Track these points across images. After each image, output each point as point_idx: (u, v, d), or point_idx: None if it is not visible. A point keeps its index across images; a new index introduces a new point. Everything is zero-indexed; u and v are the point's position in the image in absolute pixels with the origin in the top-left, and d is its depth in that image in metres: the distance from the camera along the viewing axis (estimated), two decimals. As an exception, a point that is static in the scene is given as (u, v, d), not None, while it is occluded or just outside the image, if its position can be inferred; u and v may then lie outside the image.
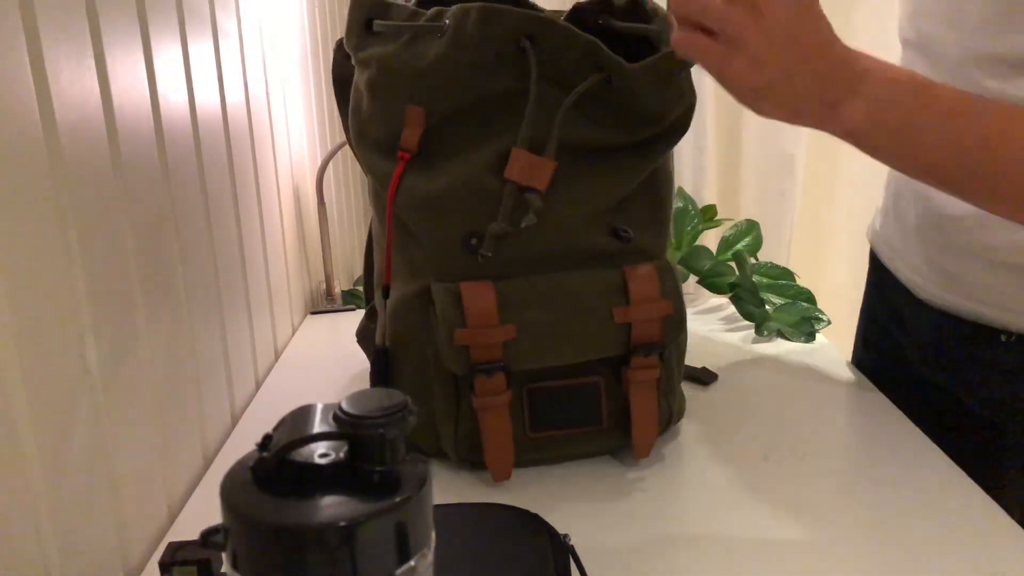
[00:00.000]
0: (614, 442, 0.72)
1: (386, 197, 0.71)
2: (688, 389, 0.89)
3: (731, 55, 0.54)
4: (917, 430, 0.78)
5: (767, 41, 0.53)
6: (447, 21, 0.68)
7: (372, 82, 0.71)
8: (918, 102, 0.55)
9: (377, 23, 0.72)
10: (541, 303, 0.67)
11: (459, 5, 0.68)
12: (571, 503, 0.67)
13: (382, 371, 0.75)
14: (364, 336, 0.86)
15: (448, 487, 0.71)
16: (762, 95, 0.55)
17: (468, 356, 0.66)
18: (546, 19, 0.66)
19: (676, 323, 0.70)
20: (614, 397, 0.71)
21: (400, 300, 0.72)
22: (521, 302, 0.67)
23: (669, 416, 0.75)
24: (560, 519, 0.65)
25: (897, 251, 0.86)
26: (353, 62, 0.75)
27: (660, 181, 0.74)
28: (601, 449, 0.73)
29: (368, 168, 0.74)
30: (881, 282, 0.91)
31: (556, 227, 0.68)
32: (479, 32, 0.66)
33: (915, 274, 0.82)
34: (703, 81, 2.03)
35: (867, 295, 0.97)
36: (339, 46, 0.79)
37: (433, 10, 0.70)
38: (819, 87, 0.55)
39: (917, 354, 0.84)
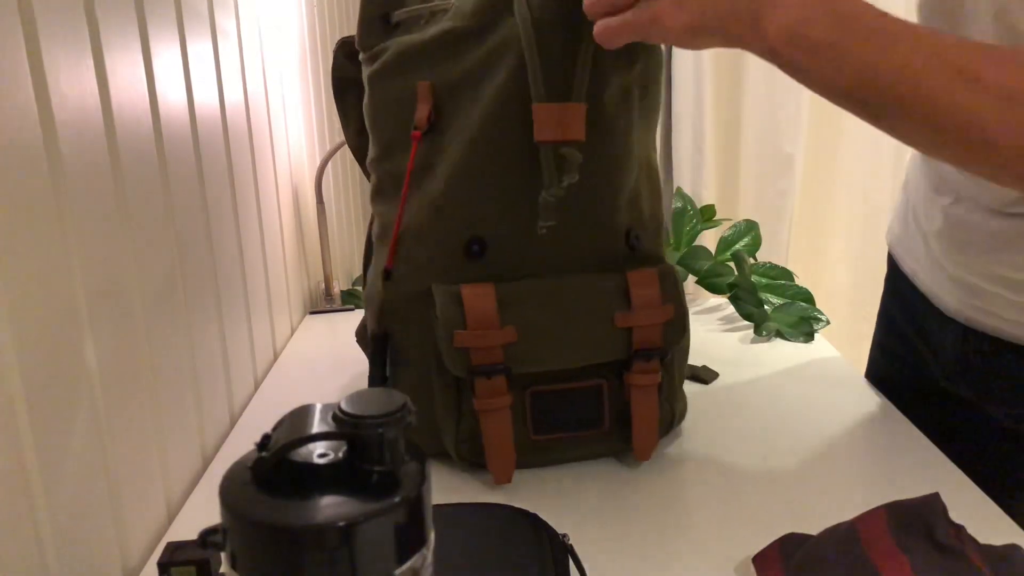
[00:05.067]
0: (616, 445, 0.72)
1: (390, 189, 0.70)
2: (688, 388, 0.89)
3: (651, 11, 0.56)
4: (916, 430, 0.78)
5: None
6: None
7: (386, 67, 0.70)
8: (838, 21, 0.52)
9: (395, 12, 0.71)
10: (542, 306, 0.67)
11: None
12: (570, 503, 0.67)
13: (380, 355, 0.73)
14: (363, 337, 0.86)
15: (448, 487, 0.71)
16: (694, 31, 0.56)
17: (468, 358, 0.66)
18: None
19: (678, 329, 0.69)
20: (616, 400, 0.71)
21: (403, 299, 0.72)
22: (522, 304, 0.66)
23: (671, 419, 0.75)
24: (559, 519, 0.65)
25: (919, 261, 0.82)
26: (360, 59, 0.74)
27: (655, 175, 0.74)
28: (603, 452, 0.73)
29: (385, 161, 0.72)
30: (900, 288, 0.88)
31: (582, 235, 0.68)
32: None
33: (938, 288, 0.79)
34: (702, 83, 2.03)
35: (885, 301, 0.93)
36: (340, 47, 0.79)
37: None
38: (741, 4, 0.54)
39: (940, 368, 0.81)
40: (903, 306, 0.88)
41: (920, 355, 0.85)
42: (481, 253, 0.68)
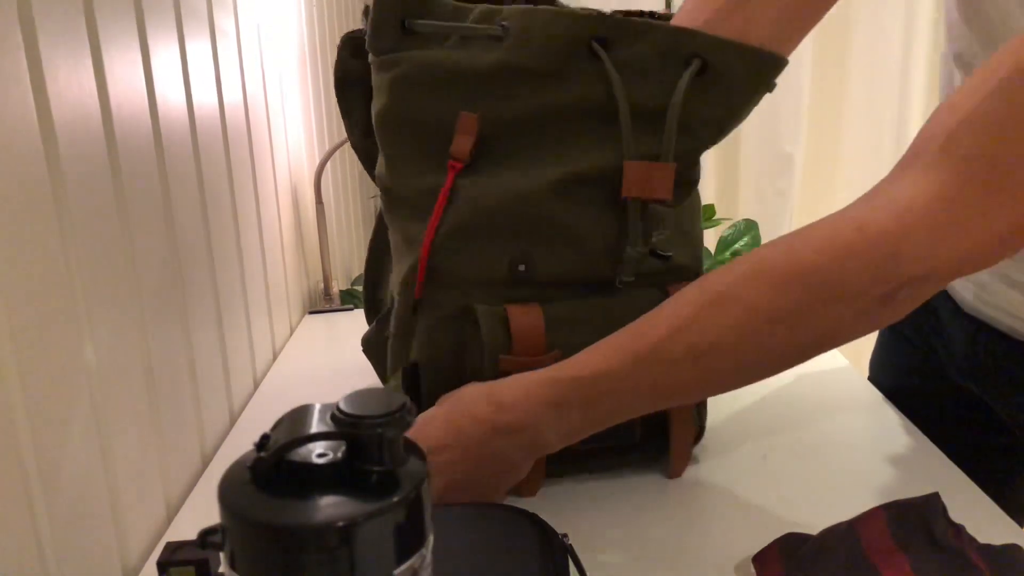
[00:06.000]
0: (644, 456, 0.71)
1: (403, 208, 0.68)
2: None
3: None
4: (917, 430, 0.78)
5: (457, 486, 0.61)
6: (505, 24, 0.64)
7: (408, 80, 0.67)
8: (572, 398, 0.58)
9: (418, 23, 0.67)
10: (587, 327, 0.64)
11: (518, 7, 0.64)
12: (570, 503, 0.67)
13: (413, 387, 0.70)
14: (371, 346, 0.84)
15: (446, 487, 0.70)
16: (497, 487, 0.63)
17: None
18: (618, 19, 0.63)
19: None
20: (648, 414, 0.70)
21: (435, 320, 0.68)
22: (568, 327, 0.64)
23: (700, 429, 0.73)
24: (559, 519, 0.65)
25: None
26: (370, 60, 0.70)
27: (693, 195, 0.73)
28: (632, 464, 0.72)
29: (396, 176, 0.69)
30: None
31: (602, 250, 0.66)
32: (546, 36, 0.63)
33: None
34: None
35: None
36: (343, 44, 0.77)
37: (481, 8, 0.65)
38: (515, 441, 0.59)
39: (949, 359, 0.81)
40: None
41: (930, 343, 0.85)
42: (527, 273, 0.65)
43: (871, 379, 0.95)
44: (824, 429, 0.79)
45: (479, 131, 0.65)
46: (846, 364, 0.95)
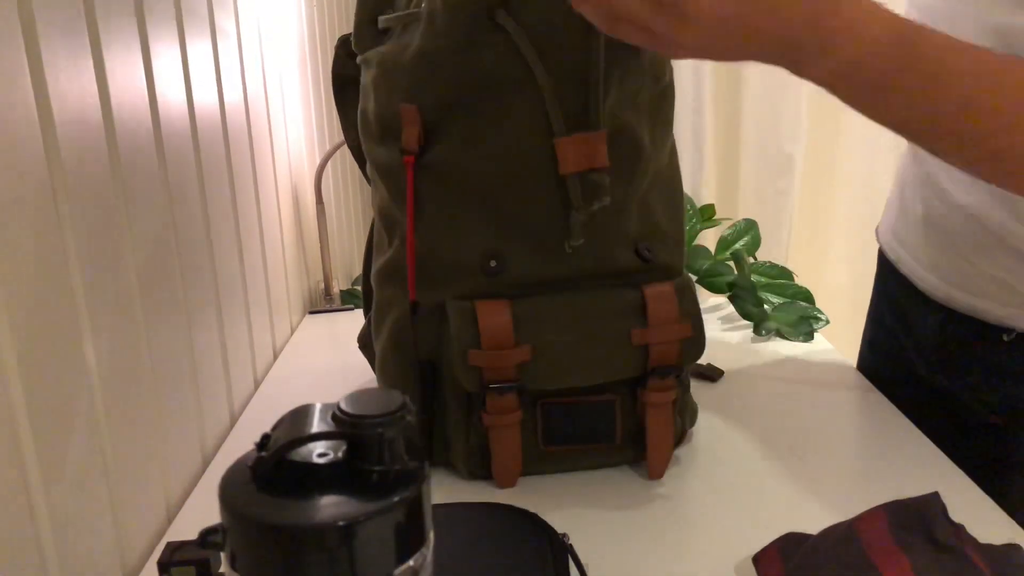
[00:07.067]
0: (627, 457, 0.72)
1: (394, 202, 0.69)
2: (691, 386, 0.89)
3: (668, 47, 0.49)
4: (916, 430, 0.78)
5: (707, 34, 0.48)
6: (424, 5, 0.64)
7: (374, 81, 0.69)
8: (898, 63, 0.48)
9: (381, 18, 0.69)
10: (558, 324, 0.65)
11: None
12: (570, 503, 0.67)
13: (427, 385, 0.71)
14: (367, 343, 0.85)
15: (452, 488, 0.71)
16: (716, 57, 0.50)
17: (481, 375, 0.65)
18: None
19: (694, 345, 0.68)
20: (629, 416, 0.69)
21: (423, 320, 0.69)
22: (538, 323, 0.65)
23: (682, 432, 0.74)
24: (559, 519, 0.65)
25: (903, 242, 0.84)
26: (358, 61, 0.73)
27: (675, 188, 0.73)
28: (613, 463, 0.72)
29: (381, 172, 0.71)
30: (887, 283, 0.90)
31: (589, 246, 0.66)
32: (448, 11, 0.62)
33: (919, 266, 0.80)
34: (702, 82, 2.03)
35: (874, 297, 0.95)
36: (341, 44, 0.78)
37: None
38: (779, 52, 0.49)
39: (920, 357, 0.83)
40: (888, 298, 0.89)
41: (903, 348, 0.86)
42: (499, 271, 0.66)
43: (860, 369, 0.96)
44: (824, 429, 0.79)
45: (422, 120, 0.65)
46: (848, 364, 0.95)
